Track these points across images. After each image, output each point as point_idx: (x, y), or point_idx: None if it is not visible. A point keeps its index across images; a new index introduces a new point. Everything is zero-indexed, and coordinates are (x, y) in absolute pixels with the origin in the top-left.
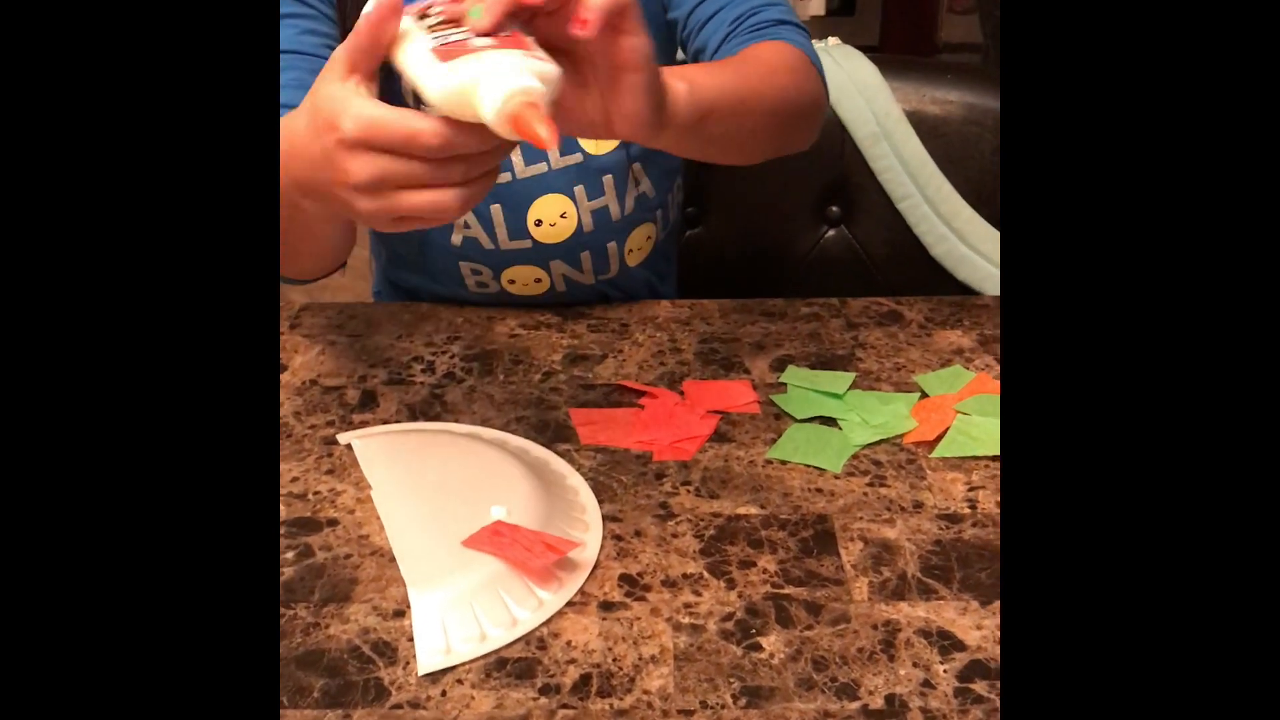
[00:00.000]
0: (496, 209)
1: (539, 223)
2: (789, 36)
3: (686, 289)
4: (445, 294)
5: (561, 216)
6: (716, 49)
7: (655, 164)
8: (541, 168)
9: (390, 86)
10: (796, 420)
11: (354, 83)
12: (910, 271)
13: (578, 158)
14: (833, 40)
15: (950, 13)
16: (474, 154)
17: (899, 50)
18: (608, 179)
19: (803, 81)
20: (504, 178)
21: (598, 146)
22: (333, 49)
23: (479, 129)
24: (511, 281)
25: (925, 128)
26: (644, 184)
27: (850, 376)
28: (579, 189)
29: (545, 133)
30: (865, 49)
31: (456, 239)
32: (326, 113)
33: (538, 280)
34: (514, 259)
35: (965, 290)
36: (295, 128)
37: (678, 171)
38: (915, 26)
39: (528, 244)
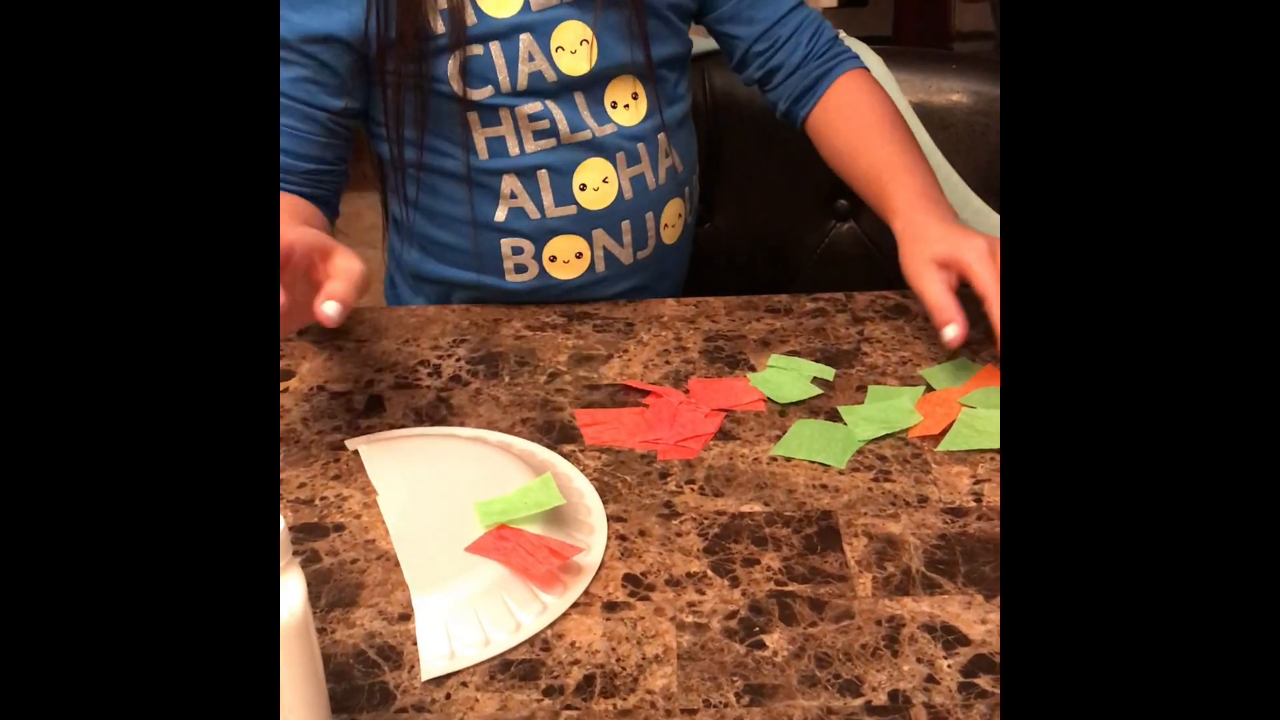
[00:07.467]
0: (543, 174)
1: (584, 187)
2: (850, 60)
3: (696, 286)
4: (476, 283)
5: (604, 181)
6: (795, 69)
7: (679, 140)
8: (586, 134)
9: None
10: (780, 404)
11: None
12: None
13: (612, 128)
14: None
15: (962, 1)
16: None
17: (913, 41)
18: (641, 146)
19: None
20: (549, 143)
21: (630, 117)
22: (329, 95)
23: None
24: (552, 259)
25: (932, 119)
26: (673, 156)
27: (830, 371)
28: (620, 155)
29: None
30: (879, 40)
31: (501, 213)
32: None
33: (579, 255)
34: (558, 228)
35: None
36: None
37: (695, 158)
38: (929, 16)
39: (573, 209)
